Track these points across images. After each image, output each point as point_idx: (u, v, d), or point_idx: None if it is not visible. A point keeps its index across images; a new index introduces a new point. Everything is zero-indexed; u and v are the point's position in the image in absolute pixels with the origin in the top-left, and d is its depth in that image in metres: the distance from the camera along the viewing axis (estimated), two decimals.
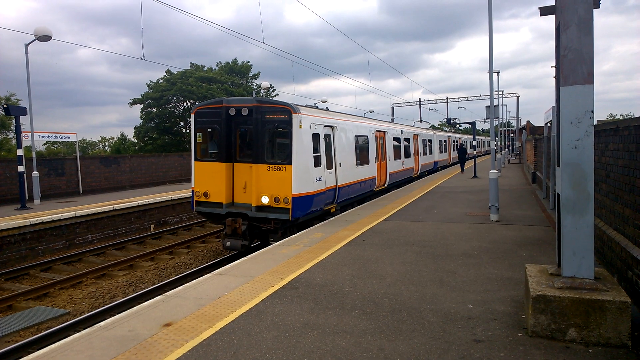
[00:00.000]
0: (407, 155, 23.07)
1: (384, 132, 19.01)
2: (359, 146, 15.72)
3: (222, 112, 11.46)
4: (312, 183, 11.41)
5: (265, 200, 11.03)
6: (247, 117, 11.33)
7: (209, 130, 11.92)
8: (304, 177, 11.11)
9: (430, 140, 30.40)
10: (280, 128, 11.11)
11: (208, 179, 11.64)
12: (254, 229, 11.47)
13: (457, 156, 43.60)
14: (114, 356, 4.36)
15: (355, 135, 15.26)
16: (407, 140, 23.28)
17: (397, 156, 20.94)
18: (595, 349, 4.19)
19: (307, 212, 11.40)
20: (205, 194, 11.65)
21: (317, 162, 11.82)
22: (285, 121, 11.01)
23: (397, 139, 21.24)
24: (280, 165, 10.99)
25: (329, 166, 12.72)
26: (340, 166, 13.36)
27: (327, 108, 15.64)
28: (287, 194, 10.83)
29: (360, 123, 16.37)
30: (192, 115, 12.04)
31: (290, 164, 10.86)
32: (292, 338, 4.66)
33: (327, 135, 12.77)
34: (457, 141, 44.03)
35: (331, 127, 13.16)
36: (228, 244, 11.24)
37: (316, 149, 11.90)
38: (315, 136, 11.87)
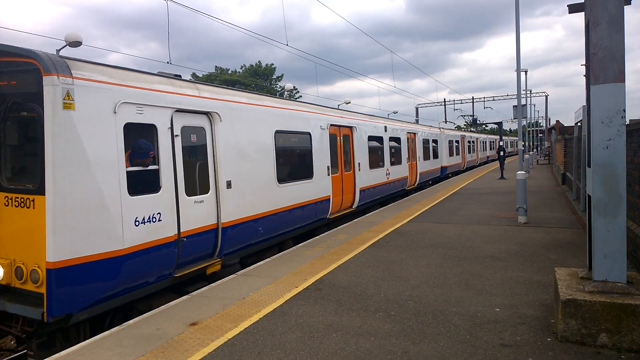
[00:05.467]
0: (396, 160, 17.36)
1: (349, 127, 13.18)
2: (288, 150, 10.34)
3: None
4: (114, 230, 5.65)
5: None
6: None
7: None
8: (86, 219, 5.41)
9: (435, 141, 24.82)
10: (23, 110, 5.58)
11: None
12: None
13: (479, 158, 40.52)
14: (142, 354, 4.47)
15: (277, 133, 9.39)
16: (395, 140, 17.53)
17: (376, 163, 15.16)
18: (627, 355, 4.06)
19: (100, 297, 5.60)
20: None
21: (143, 184, 6.19)
22: (31, 94, 5.37)
23: (376, 139, 15.43)
24: (24, 196, 5.40)
25: (202, 188, 7.26)
26: (230, 187, 7.69)
27: (239, 88, 9.57)
28: (39, 259, 5.21)
29: (288, 111, 10.13)
30: None
31: (43, 193, 5.20)
32: (315, 339, 4.67)
33: (192, 131, 7.21)
34: (473, 141, 38.26)
35: (208, 115, 7.50)
36: None
37: (141, 158, 6.22)
38: (144, 131, 6.29)
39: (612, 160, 4.38)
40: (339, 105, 27.97)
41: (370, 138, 14.75)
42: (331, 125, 11.97)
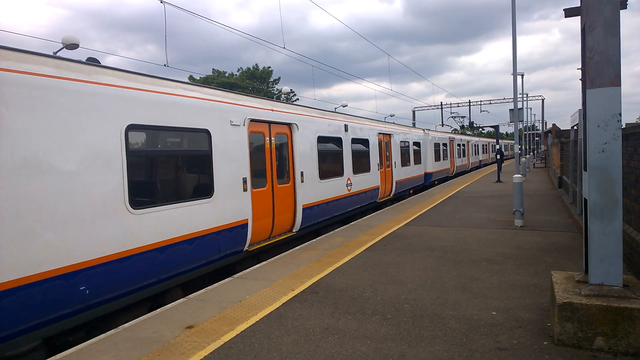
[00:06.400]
0: (361, 167, 14.19)
1: (287, 125, 9.98)
2: (159, 157, 7.02)
3: None
4: None
5: None
6: None
7: None
8: None
9: (417, 144, 21.72)
10: None
11: None
12: None
13: (471, 163, 37.94)
14: (138, 357, 4.45)
15: (131, 129, 6.09)
16: (362, 142, 14.55)
17: (331, 172, 12.05)
18: (623, 359, 4.06)
19: None
20: None
21: None
22: None
23: (332, 141, 12.31)
24: None
25: None
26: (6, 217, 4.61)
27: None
28: None
29: (158, 96, 6.59)
30: None
31: None
32: (312, 342, 4.66)
33: None
34: (464, 144, 35.26)
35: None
36: None
37: None
38: None
39: (608, 164, 4.40)
40: (335, 108, 27.66)
41: (322, 139, 11.62)
42: (253, 121, 8.63)
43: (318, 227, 11.50)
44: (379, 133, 16.19)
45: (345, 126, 13.22)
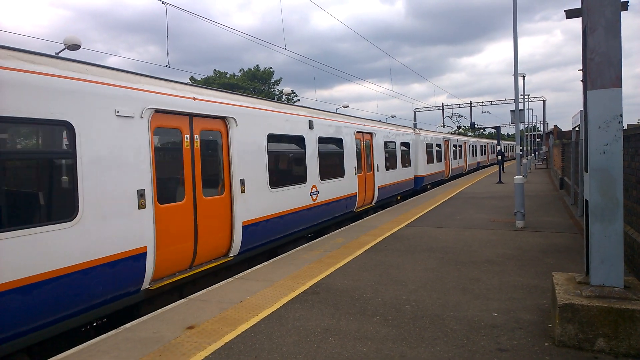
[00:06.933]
0: (333, 172, 12.26)
1: (221, 119, 7.85)
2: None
3: None
4: None
5: None
6: None
7: None
8: None
9: (406, 144, 19.66)
10: None
11: None
12: None
13: (468, 165, 36.78)
14: (139, 357, 4.45)
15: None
16: (334, 142, 12.59)
17: (290, 178, 10.23)
18: None
19: None
20: None
21: None
22: None
23: (290, 140, 10.38)
24: None
25: None
26: None
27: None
28: None
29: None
30: None
31: None
32: (312, 343, 4.67)
33: None
34: (461, 145, 33.21)
35: None
36: None
37: None
38: None
39: (609, 165, 4.40)
40: (336, 109, 27.53)
41: (275, 138, 9.51)
42: (159, 112, 6.50)
43: (272, 247, 9.47)
44: (357, 132, 14.06)
45: (310, 122, 11.01)
